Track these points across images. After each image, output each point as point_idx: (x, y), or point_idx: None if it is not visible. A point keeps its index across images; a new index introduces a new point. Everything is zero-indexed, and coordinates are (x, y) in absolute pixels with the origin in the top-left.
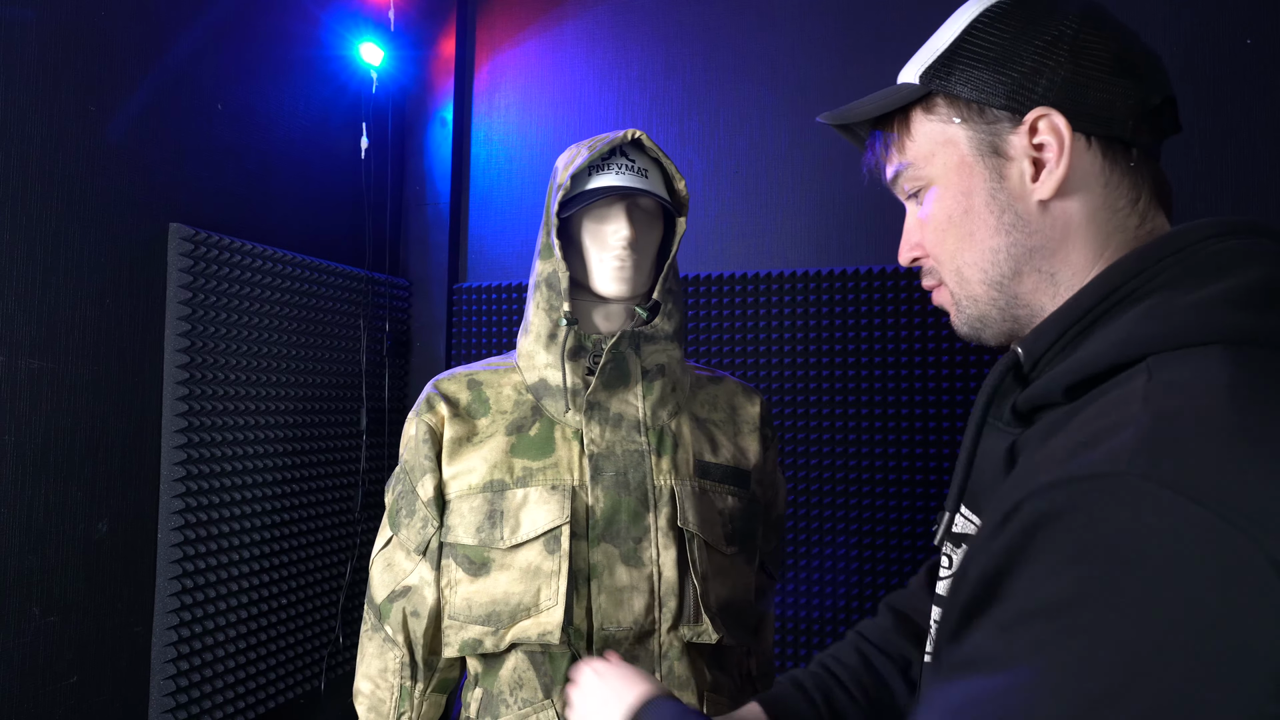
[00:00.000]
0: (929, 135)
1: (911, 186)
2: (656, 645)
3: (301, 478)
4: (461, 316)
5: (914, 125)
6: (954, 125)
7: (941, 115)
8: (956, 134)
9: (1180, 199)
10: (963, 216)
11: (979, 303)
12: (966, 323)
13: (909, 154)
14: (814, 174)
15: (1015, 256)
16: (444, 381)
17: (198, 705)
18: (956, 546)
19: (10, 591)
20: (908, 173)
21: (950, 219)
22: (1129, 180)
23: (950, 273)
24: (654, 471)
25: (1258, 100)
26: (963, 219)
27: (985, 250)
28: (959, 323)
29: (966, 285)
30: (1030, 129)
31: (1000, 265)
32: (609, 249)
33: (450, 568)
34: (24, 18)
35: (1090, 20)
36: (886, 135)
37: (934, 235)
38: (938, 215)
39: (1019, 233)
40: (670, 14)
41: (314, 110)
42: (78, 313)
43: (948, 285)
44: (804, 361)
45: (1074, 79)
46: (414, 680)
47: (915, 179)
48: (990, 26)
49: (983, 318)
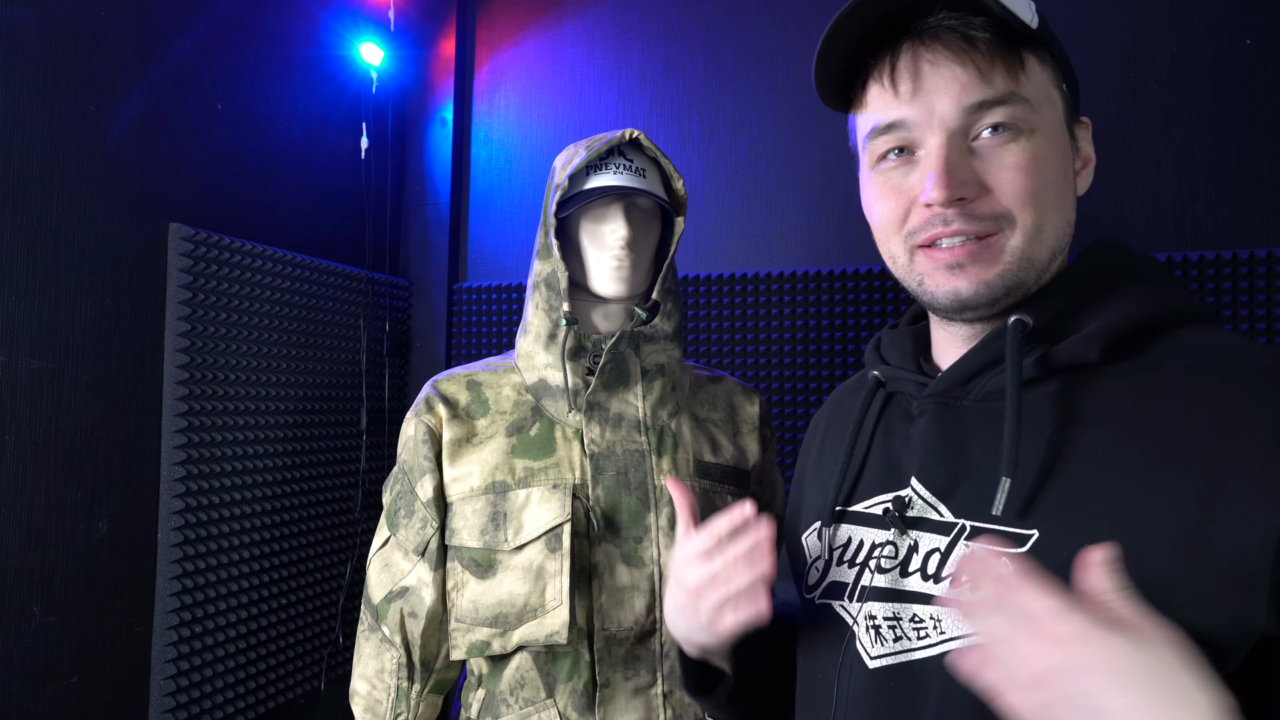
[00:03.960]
0: (1042, 85)
1: (1013, 119)
2: (658, 645)
3: (301, 478)
4: (461, 316)
5: (1029, 65)
6: (1058, 91)
7: (1050, 74)
8: (1058, 100)
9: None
10: (1062, 179)
11: (1033, 266)
12: (1005, 283)
13: (1024, 89)
14: (814, 174)
15: (1070, 235)
16: (443, 382)
17: (198, 705)
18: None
19: (10, 591)
20: (1017, 106)
21: (1052, 177)
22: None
23: (1028, 226)
24: (654, 471)
25: (1258, 100)
26: (1061, 181)
27: (1066, 220)
28: (993, 279)
29: (1039, 245)
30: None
31: (1064, 238)
32: (607, 249)
33: (456, 570)
34: (24, 18)
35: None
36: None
37: (1028, 185)
38: (1041, 168)
39: (1073, 213)
40: (670, 14)
41: (314, 110)
42: (78, 313)
43: (1010, 238)
44: (804, 361)
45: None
46: (411, 681)
47: (1022, 118)
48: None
49: (1022, 283)
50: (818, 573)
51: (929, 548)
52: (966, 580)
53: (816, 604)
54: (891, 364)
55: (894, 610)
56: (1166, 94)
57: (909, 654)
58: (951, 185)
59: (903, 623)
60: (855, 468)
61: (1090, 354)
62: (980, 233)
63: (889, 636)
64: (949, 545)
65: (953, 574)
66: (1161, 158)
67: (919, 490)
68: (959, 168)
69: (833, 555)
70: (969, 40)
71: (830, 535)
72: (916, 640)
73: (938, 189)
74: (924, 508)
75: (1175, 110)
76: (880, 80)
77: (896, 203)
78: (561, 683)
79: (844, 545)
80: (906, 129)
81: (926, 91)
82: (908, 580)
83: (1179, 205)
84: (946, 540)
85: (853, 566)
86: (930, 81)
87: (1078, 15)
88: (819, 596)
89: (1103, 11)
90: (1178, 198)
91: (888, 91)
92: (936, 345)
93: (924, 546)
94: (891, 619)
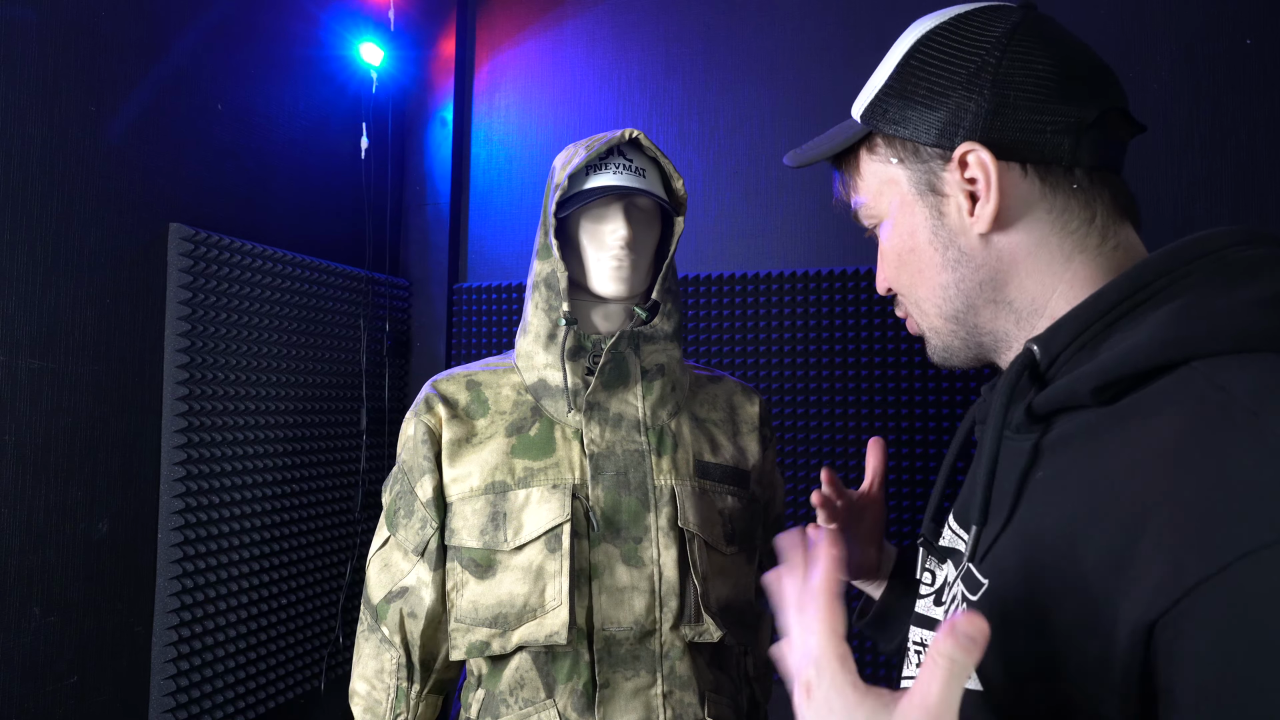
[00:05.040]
0: (875, 174)
1: (869, 223)
2: (658, 645)
3: (301, 478)
4: (461, 316)
5: (861, 165)
6: (893, 165)
7: (881, 155)
8: (896, 173)
9: (1179, 200)
10: (910, 254)
11: (941, 334)
12: (935, 352)
13: (861, 192)
14: (814, 174)
15: (965, 291)
16: (442, 382)
17: (198, 705)
18: (941, 562)
19: (10, 591)
20: (862, 210)
21: (900, 256)
22: (1077, 200)
23: (911, 305)
24: (654, 471)
25: (1258, 100)
26: (911, 256)
27: (936, 286)
28: (929, 352)
29: (926, 318)
30: (960, 164)
31: (952, 300)
32: (607, 249)
33: (456, 571)
34: (24, 18)
35: (1016, 44)
36: (844, 173)
37: (891, 270)
38: (890, 251)
39: (964, 268)
40: (670, 14)
41: (314, 110)
42: (78, 313)
43: (913, 317)
44: (804, 361)
45: (998, 110)
46: (410, 681)
47: (869, 216)
48: (920, 62)
49: (948, 348)
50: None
51: (946, 578)
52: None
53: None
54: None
55: (922, 636)
56: (1166, 94)
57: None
58: (879, 282)
59: (925, 649)
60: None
61: (1080, 397)
62: (905, 315)
63: (914, 662)
64: (955, 578)
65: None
66: (1161, 158)
67: (950, 522)
68: (880, 266)
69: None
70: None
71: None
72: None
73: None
74: (952, 538)
75: (1175, 110)
76: None
77: None
78: (561, 683)
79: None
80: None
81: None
82: (935, 608)
83: (1178, 205)
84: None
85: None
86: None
87: (1078, 16)
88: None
89: (1102, 12)
90: (1177, 197)
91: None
92: None
93: (944, 577)
94: (919, 644)
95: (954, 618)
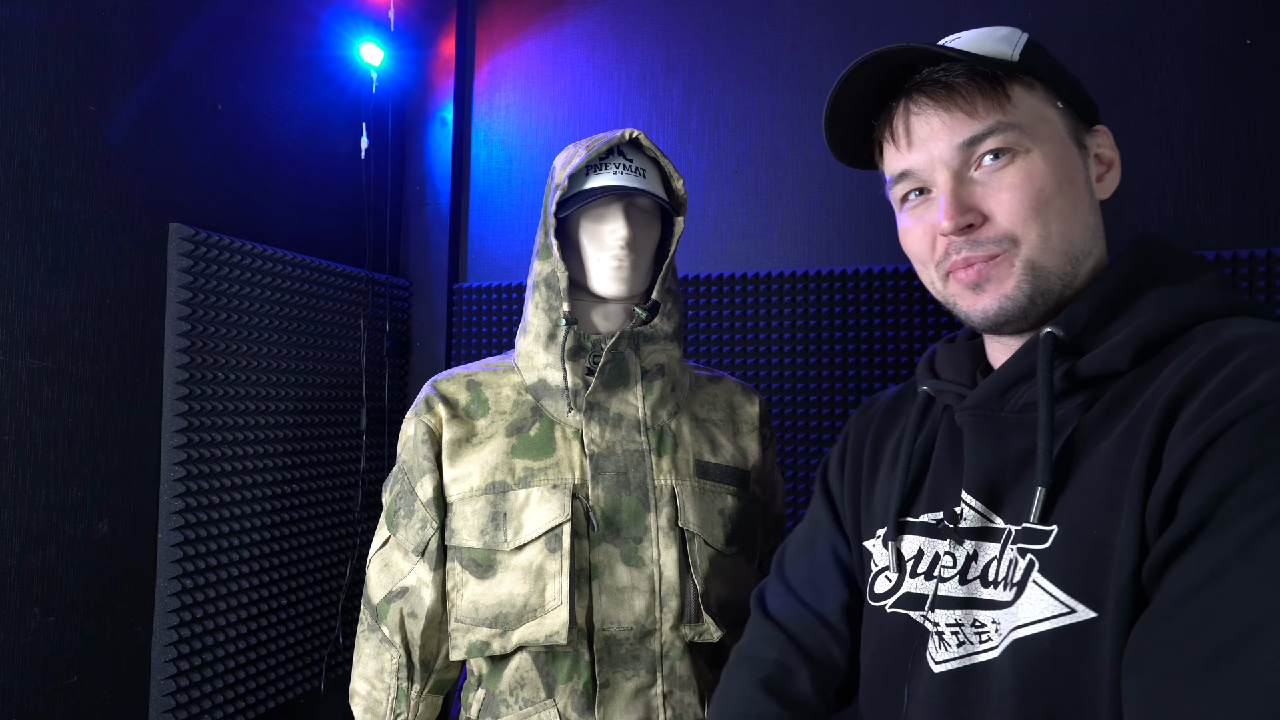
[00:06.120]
0: (1032, 109)
1: (1006, 144)
2: (658, 645)
3: (301, 478)
4: (461, 316)
5: (1013, 93)
6: (1054, 109)
7: (1041, 96)
8: (1055, 117)
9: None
10: (1067, 187)
11: (1050, 275)
12: (1025, 295)
13: (1011, 115)
14: (814, 174)
15: (1094, 237)
16: (442, 382)
17: (198, 705)
18: (960, 543)
19: (10, 591)
20: (1006, 133)
21: (1054, 189)
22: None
23: (1034, 240)
24: (654, 471)
25: (1257, 100)
26: (1067, 189)
27: (1080, 224)
28: (1012, 293)
29: (1050, 254)
30: (1097, 136)
31: (1085, 240)
32: (607, 249)
33: (456, 570)
34: (24, 18)
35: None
36: (974, 87)
37: (1026, 201)
38: (1038, 183)
39: (1097, 216)
40: (670, 14)
41: (314, 110)
42: (78, 313)
43: (1018, 254)
44: (804, 361)
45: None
46: (410, 681)
47: (1015, 141)
48: (1042, 49)
49: (1045, 292)
50: (888, 583)
51: (989, 556)
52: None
53: (888, 612)
54: (943, 377)
55: (958, 617)
56: (1166, 94)
57: (972, 658)
58: (956, 215)
59: (965, 628)
60: (913, 479)
61: (1119, 364)
62: (986, 256)
63: (952, 642)
64: (1001, 550)
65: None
66: (1161, 157)
67: (970, 501)
68: (962, 199)
69: (904, 567)
70: (949, 87)
71: (896, 546)
72: (979, 644)
73: (946, 220)
74: (976, 518)
75: (1175, 110)
76: (885, 139)
77: (924, 235)
78: (561, 683)
79: (916, 557)
80: (915, 174)
81: (922, 140)
82: (971, 587)
83: (1178, 205)
84: (999, 547)
85: (929, 579)
86: (923, 131)
87: (1078, 16)
88: (891, 605)
89: (1102, 12)
90: (1177, 197)
91: (892, 146)
92: (991, 358)
93: (983, 555)
94: (955, 625)
95: None
